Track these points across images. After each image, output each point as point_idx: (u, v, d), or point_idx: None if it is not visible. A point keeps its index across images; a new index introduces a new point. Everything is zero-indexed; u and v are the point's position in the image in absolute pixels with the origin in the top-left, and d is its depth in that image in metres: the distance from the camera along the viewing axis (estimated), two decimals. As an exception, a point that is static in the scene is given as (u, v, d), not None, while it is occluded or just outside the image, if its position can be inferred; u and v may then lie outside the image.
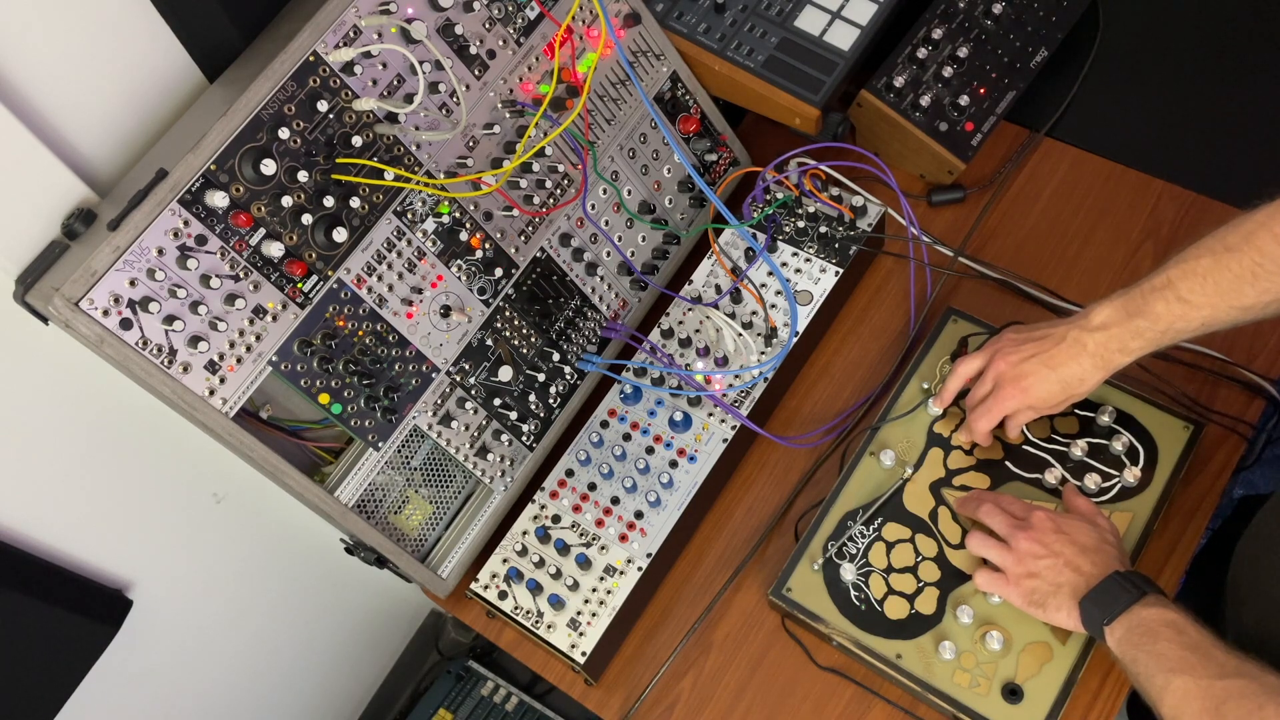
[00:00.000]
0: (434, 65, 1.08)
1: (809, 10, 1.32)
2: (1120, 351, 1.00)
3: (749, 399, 1.24)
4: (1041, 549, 1.00)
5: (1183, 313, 0.94)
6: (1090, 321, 1.01)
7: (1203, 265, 0.92)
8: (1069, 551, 0.99)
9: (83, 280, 0.89)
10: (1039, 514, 1.03)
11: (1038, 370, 1.04)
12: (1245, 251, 0.89)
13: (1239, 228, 0.90)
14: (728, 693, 1.15)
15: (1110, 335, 0.99)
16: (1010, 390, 1.06)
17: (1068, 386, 1.03)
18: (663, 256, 1.35)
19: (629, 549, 1.18)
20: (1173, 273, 0.94)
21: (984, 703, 1.03)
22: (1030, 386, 1.05)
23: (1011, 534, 1.03)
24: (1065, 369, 1.02)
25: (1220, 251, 0.91)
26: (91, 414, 1.07)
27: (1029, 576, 1.01)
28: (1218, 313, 0.93)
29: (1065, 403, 1.06)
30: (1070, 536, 1.00)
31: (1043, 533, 1.01)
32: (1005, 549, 1.03)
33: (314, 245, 1.04)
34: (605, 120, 1.26)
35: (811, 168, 1.34)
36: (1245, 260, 0.89)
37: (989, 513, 1.06)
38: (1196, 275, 0.93)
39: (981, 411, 1.09)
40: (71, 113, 0.96)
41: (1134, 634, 0.91)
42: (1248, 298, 0.90)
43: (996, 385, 1.08)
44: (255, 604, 1.42)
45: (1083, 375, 1.02)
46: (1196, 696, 0.84)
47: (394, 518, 1.16)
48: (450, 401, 1.17)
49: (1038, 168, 1.38)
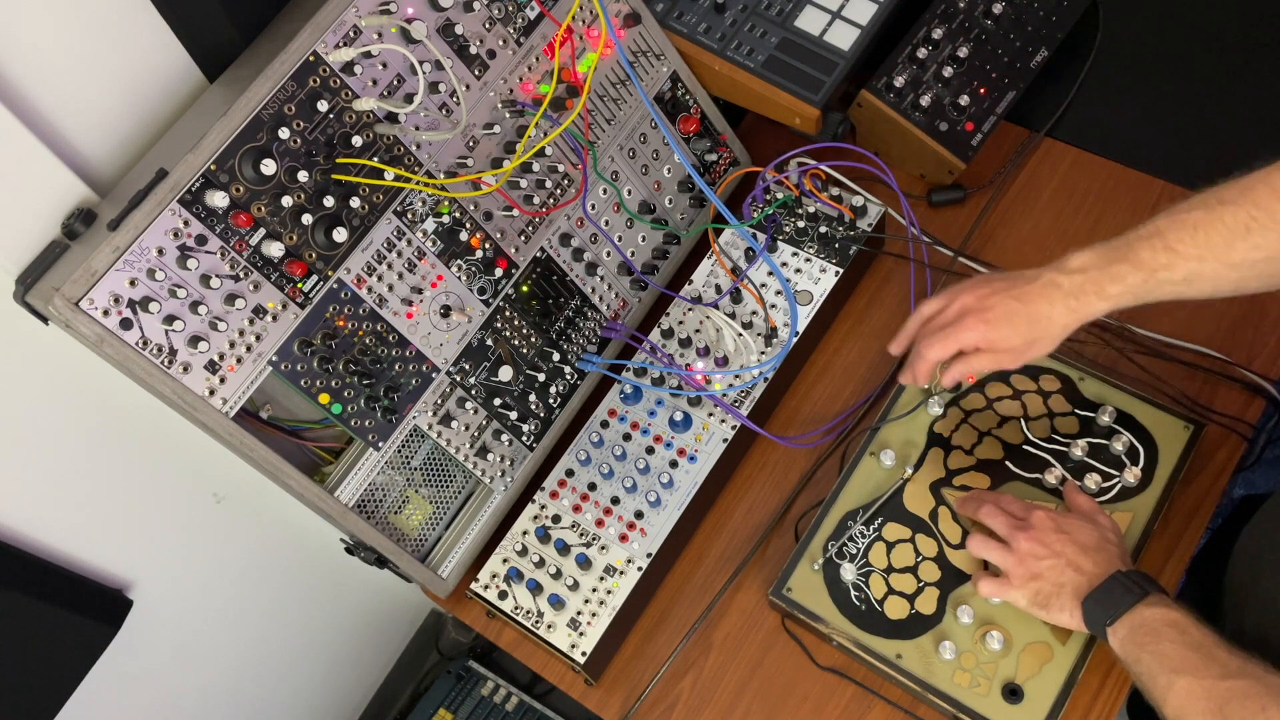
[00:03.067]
0: (434, 65, 1.08)
1: (809, 10, 1.32)
2: (1096, 295, 0.95)
3: (749, 399, 1.24)
4: (1043, 549, 1.00)
5: (1168, 262, 0.91)
6: (1067, 264, 0.97)
7: (1195, 217, 0.90)
8: (1070, 551, 0.99)
9: (83, 280, 0.89)
10: (1039, 514, 1.02)
11: (1006, 303, 0.98)
12: (1241, 205, 0.87)
13: (1236, 183, 0.89)
14: (728, 693, 1.15)
15: (1088, 278, 0.95)
16: (973, 321, 0.99)
17: (1034, 325, 0.97)
18: (663, 256, 1.35)
19: (629, 549, 1.18)
20: (1162, 223, 0.92)
21: (984, 703, 1.03)
22: (994, 320, 0.98)
23: (1012, 535, 1.02)
24: (1035, 306, 0.97)
25: (1214, 204, 0.89)
26: (91, 414, 1.07)
27: (1032, 578, 1.00)
28: (1204, 266, 0.90)
29: (1025, 351, 0.99)
30: (1071, 536, 1.00)
31: (1044, 533, 1.01)
32: (1006, 550, 1.02)
33: (314, 245, 1.04)
34: (605, 120, 1.26)
35: (811, 168, 1.34)
36: (1240, 214, 0.87)
37: (989, 514, 1.06)
38: (1187, 226, 0.90)
39: (937, 339, 1.01)
40: (71, 113, 0.96)
41: (1137, 634, 0.91)
42: (1237, 252, 0.88)
43: (959, 316, 1.01)
44: (255, 604, 1.42)
45: (1051, 316, 0.96)
46: (1200, 697, 0.84)
47: (394, 518, 1.16)
48: (450, 401, 1.17)
49: (1038, 168, 1.38)
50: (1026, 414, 1.17)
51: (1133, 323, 1.23)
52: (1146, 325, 1.23)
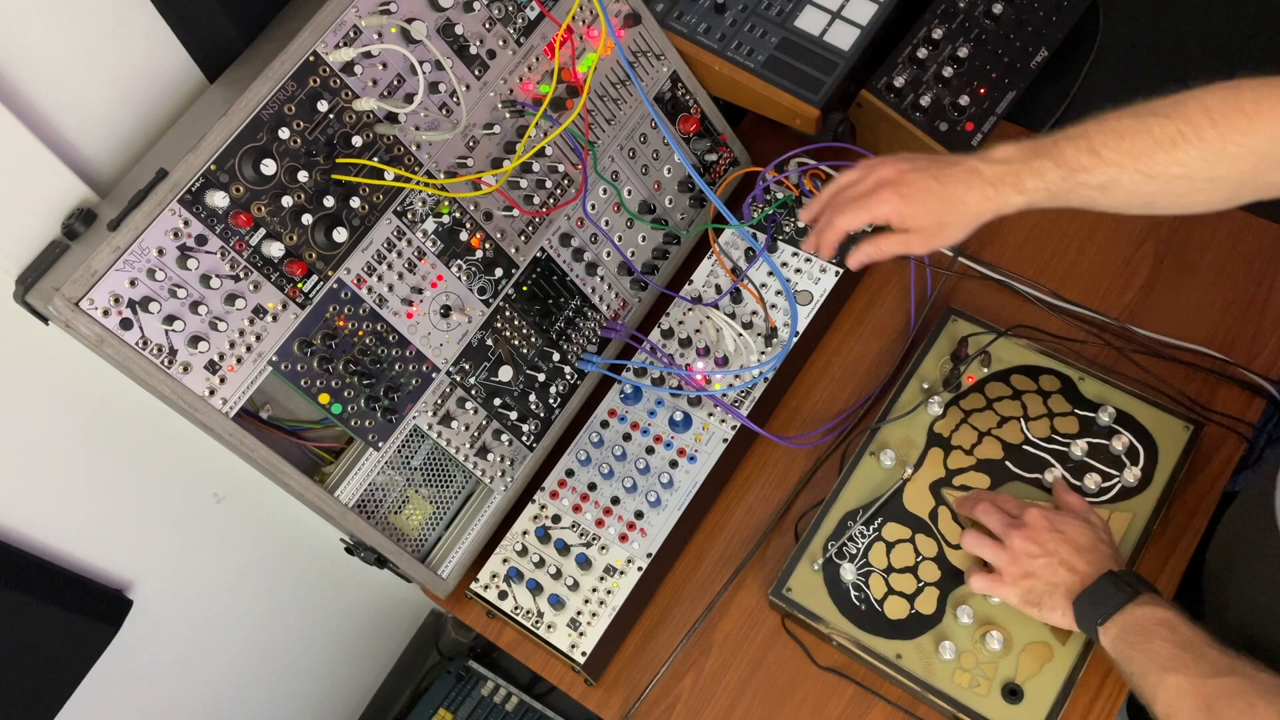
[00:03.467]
0: (434, 65, 1.08)
1: (809, 10, 1.32)
2: (1014, 188, 0.94)
3: (749, 399, 1.24)
4: (1036, 548, 1.00)
5: (1089, 164, 0.91)
6: (992, 154, 0.97)
7: (1124, 124, 0.90)
8: (1064, 551, 0.99)
9: (83, 280, 0.89)
10: (1033, 512, 1.03)
11: (924, 181, 0.97)
12: (1171, 118, 0.87)
13: (1171, 98, 0.88)
14: (728, 693, 1.15)
15: (1009, 169, 0.95)
16: (889, 194, 0.98)
17: (947, 207, 0.97)
18: (663, 256, 1.35)
19: (629, 549, 1.18)
20: (1091, 126, 0.92)
21: (984, 703, 1.03)
22: (910, 195, 0.97)
23: (1006, 533, 1.03)
24: (952, 188, 0.96)
25: (1145, 115, 0.89)
26: (91, 414, 1.07)
27: (1025, 576, 1.01)
28: (1123, 174, 0.90)
29: (935, 234, 0.98)
30: (1065, 535, 1.00)
31: (1038, 531, 1.01)
32: (1000, 548, 1.03)
33: (314, 245, 1.04)
34: (605, 120, 1.26)
35: (811, 168, 1.34)
36: (1169, 126, 0.87)
37: (985, 511, 1.06)
38: (1115, 132, 0.90)
39: (851, 208, 1.00)
40: (71, 113, 0.96)
41: (1128, 633, 0.92)
42: (1158, 165, 0.88)
43: (876, 188, 0.99)
44: (255, 604, 1.42)
45: (966, 200, 0.96)
46: (1189, 695, 0.85)
47: (394, 518, 1.16)
48: (450, 401, 1.17)
49: (1038, 168, 1.38)
50: (1026, 414, 1.17)
51: (1133, 323, 1.23)
52: (1146, 325, 1.23)
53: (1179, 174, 0.87)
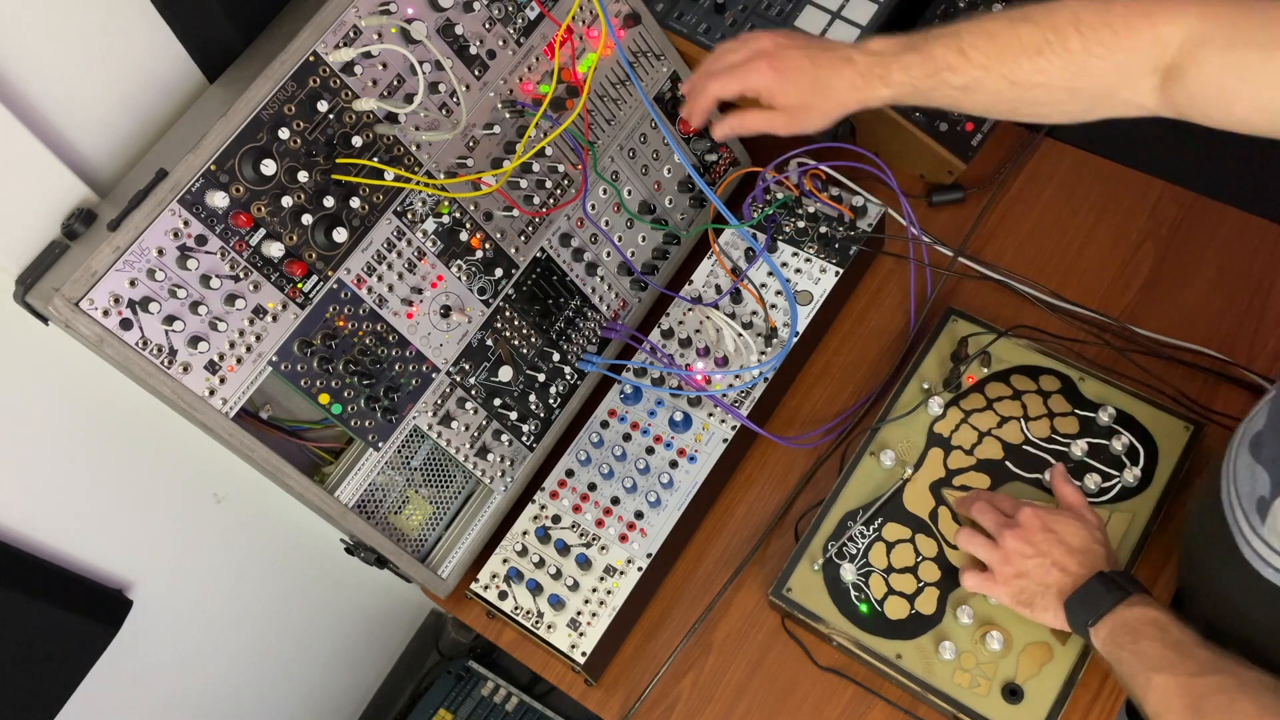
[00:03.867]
0: (434, 65, 1.08)
1: (809, 10, 1.32)
2: (882, 80, 0.95)
3: (749, 399, 1.24)
4: (1029, 548, 1.00)
5: (956, 64, 0.91)
6: (867, 46, 0.98)
7: (996, 26, 0.90)
8: (1057, 551, 0.99)
9: (83, 280, 0.89)
10: (1027, 511, 1.03)
11: (799, 60, 0.99)
12: (1040, 24, 0.87)
13: (1046, 4, 0.88)
14: (728, 693, 1.15)
15: (879, 60, 0.96)
16: (763, 65, 0.99)
17: (815, 90, 0.98)
18: (663, 256, 1.35)
19: (629, 549, 1.18)
20: (964, 26, 0.92)
21: (984, 703, 1.03)
22: (783, 70, 0.99)
23: (999, 532, 1.03)
24: (825, 71, 0.98)
25: (1018, 19, 0.89)
26: (91, 414, 1.07)
27: (1017, 576, 1.01)
28: (987, 76, 0.90)
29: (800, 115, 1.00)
30: (1059, 535, 1.00)
31: (1031, 531, 1.01)
32: (993, 547, 1.03)
33: (314, 245, 1.04)
34: (605, 120, 1.26)
35: (811, 168, 1.34)
36: (1037, 33, 0.87)
37: (980, 509, 1.06)
38: (985, 33, 0.90)
39: (724, 75, 1.01)
40: (71, 113, 0.96)
41: (1118, 634, 0.92)
42: (1022, 71, 0.88)
43: (751, 59, 1.01)
44: (255, 604, 1.42)
45: (834, 86, 0.97)
46: (1177, 694, 0.85)
47: (394, 518, 1.16)
48: (450, 402, 1.17)
49: (1038, 168, 1.38)
50: (1026, 414, 1.17)
51: (1133, 323, 1.23)
52: (1146, 325, 1.23)
53: (1041, 82, 0.88)
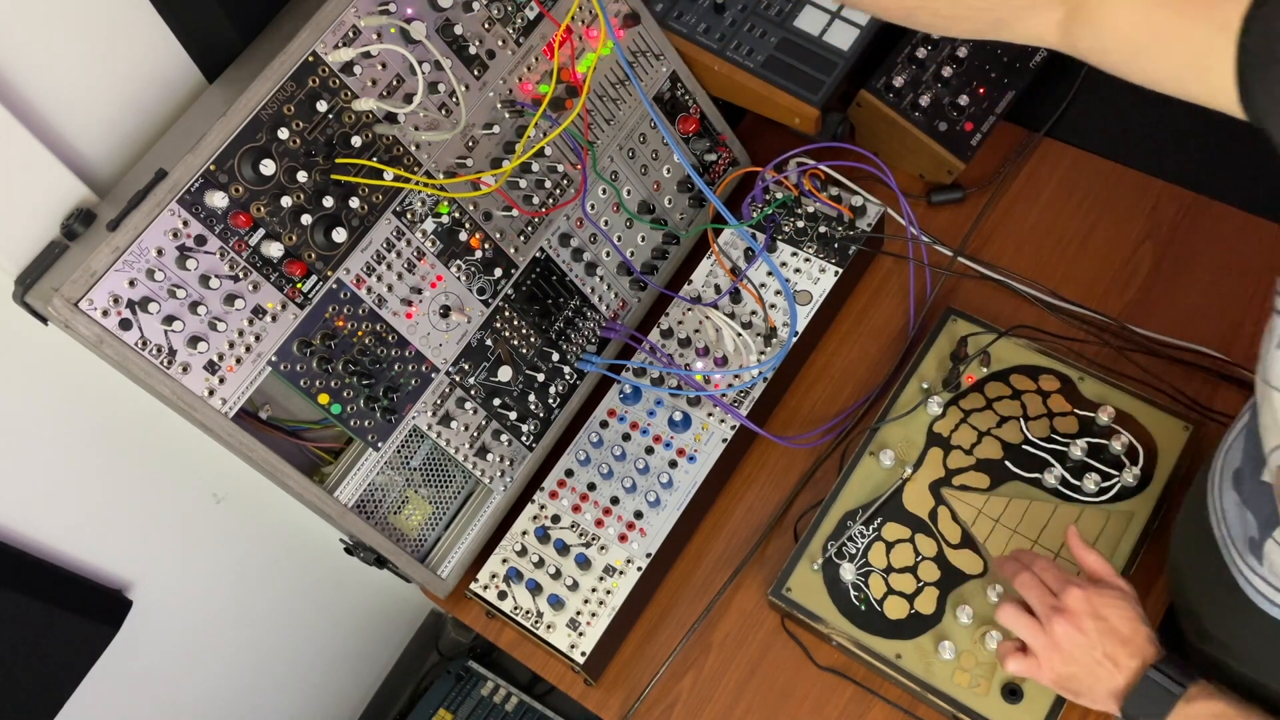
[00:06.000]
0: (433, 65, 1.08)
1: (809, 10, 1.32)
2: None
3: (749, 399, 1.24)
4: (1080, 637, 0.94)
5: None
6: None
7: None
8: (1108, 644, 0.93)
9: (82, 280, 0.89)
10: (1076, 594, 0.95)
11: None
12: None
13: None
14: (727, 693, 1.15)
15: None
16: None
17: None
18: (662, 256, 1.35)
19: (628, 549, 1.18)
20: None
21: (984, 703, 1.03)
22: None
23: (1048, 617, 0.96)
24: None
25: None
26: (91, 414, 1.07)
27: (1065, 663, 0.95)
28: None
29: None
30: (1108, 624, 0.94)
31: (1080, 618, 0.94)
32: (1040, 631, 0.96)
33: (313, 245, 1.04)
34: (605, 120, 1.26)
35: (811, 168, 1.34)
36: None
37: (1025, 584, 0.99)
38: None
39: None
40: (71, 113, 0.96)
41: None
42: None
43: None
44: (255, 604, 1.42)
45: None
46: None
47: (394, 518, 1.16)
48: (450, 401, 1.17)
49: (1037, 168, 1.38)
50: (1026, 414, 1.17)
51: (1132, 322, 1.23)
52: (1146, 325, 1.23)
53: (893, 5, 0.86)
